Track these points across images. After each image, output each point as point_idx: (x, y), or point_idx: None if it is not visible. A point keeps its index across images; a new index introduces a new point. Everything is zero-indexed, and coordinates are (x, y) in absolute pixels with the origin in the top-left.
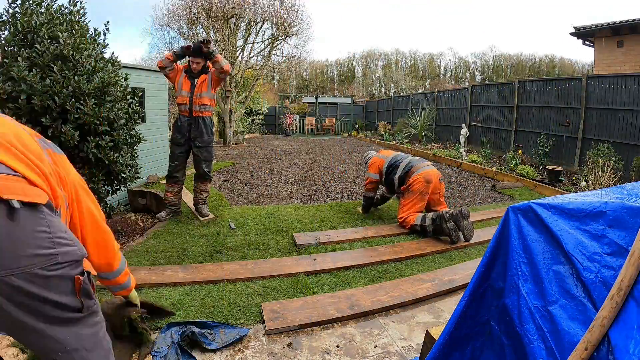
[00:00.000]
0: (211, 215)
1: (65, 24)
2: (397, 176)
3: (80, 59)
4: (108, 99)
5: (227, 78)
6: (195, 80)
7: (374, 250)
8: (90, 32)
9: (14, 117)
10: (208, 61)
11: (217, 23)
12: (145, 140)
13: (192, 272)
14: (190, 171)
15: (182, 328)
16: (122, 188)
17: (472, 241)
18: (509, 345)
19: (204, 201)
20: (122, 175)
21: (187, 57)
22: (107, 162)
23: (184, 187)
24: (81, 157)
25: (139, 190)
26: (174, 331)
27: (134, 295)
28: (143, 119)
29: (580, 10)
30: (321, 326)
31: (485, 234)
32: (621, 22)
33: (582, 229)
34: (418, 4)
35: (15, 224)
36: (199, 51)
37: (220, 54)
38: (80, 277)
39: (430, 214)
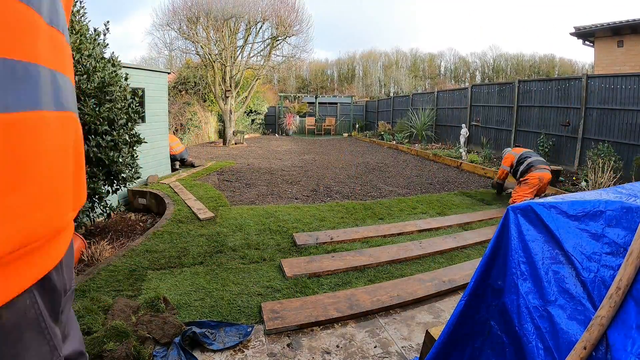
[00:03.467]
0: (210, 213)
1: None
2: (521, 169)
3: (80, 59)
4: (108, 98)
5: (228, 78)
6: None
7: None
8: (90, 32)
9: None
10: None
11: (217, 23)
12: (146, 142)
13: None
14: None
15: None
16: (122, 188)
17: (472, 241)
18: (510, 345)
19: None
20: (122, 175)
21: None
22: (107, 161)
23: (181, 186)
24: None
25: (139, 190)
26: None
27: None
28: (143, 119)
29: (580, 10)
30: (321, 326)
31: (485, 234)
32: (621, 22)
33: (581, 228)
34: (419, 4)
35: None
36: None
37: (220, 54)
38: None
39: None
